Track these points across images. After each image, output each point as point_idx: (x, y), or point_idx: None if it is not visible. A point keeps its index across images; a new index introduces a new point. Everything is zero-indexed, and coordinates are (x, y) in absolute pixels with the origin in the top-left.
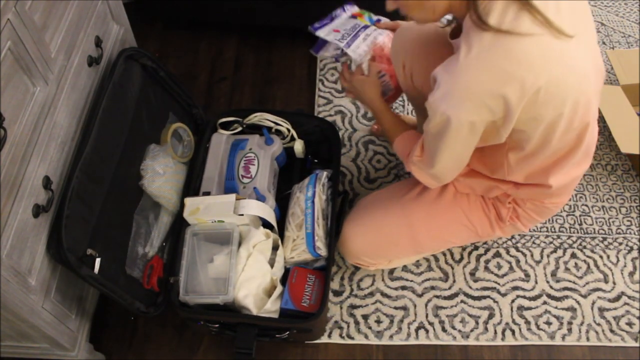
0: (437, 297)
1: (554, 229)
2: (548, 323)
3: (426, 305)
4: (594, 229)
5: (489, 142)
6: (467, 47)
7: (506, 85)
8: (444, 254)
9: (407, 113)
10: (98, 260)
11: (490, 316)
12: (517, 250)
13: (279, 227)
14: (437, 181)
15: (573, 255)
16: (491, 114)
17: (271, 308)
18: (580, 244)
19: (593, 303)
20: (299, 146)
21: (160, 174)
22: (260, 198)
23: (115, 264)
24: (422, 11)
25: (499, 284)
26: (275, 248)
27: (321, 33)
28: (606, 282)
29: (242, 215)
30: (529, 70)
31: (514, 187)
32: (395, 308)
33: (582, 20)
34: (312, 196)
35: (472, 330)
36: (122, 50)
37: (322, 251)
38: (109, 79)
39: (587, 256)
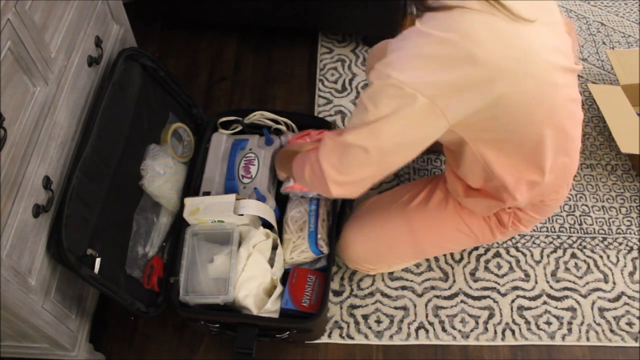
0: (437, 297)
1: (554, 229)
2: (548, 323)
3: (426, 305)
4: (594, 229)
5: (432, 136)
6: (420, 22)
7: (458, 63)
8: (444, 254)
9: None
10: (98, 260)
11: (490, 316)
12: (517, 250)
13: (278, 229)
14: (339, 166)
15: (573, 255)
16: (436, 90)
17: (271, 308)
18: (580, 244)
19: (593, 303)
20: None
21: (160, 174)
22: (261, 198)
23: (115, 264)
24: None
25: (499, 284)
26: (274, 248)
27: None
28: (606, 282)
29: (242, 215)
30: (482, 49)
31: (516, 193)
32: (395, 308)
33: (544, 11)
34: (317, 195)
35: (472, 330)
36: (122, 50)
37: (324, 249)
38: (109, 79)
39: (587, 256)
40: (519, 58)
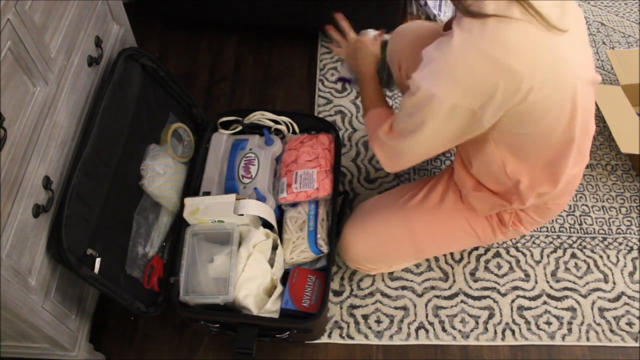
0: (437, 297)
1: (554, 229)
2: (548, 323)
3: (426, 305)
4: (594, 229)
5: (467, 135)
6: (460, 30)
7: (495, 75)
8: (444, 254)
9: None
10: (98, 260)
11: (490, 316)
12: (517, 250)
13: (278, 229)
14: (394, 162)
15: (573, 255)
16: (475, 100)
17: (271, 308)
18: (580, 244)
19: (593, 303)
20: None
21: (161, 174)
22: (261, 198)
23: (116, 264)
24: None
25: (499, 284)
26: (274, 248)
27: None
28: (606, 282)
29: (242, 215)
30: (518, 60)
31: (520, 201)
32: (395, 308)
33: (574, 21)
34: (315, 197)
35: (472, 330)
36: (122, 50)
37: (324, 248)
38: (109, 79)
39: (587, 256)
40: (551, 69)
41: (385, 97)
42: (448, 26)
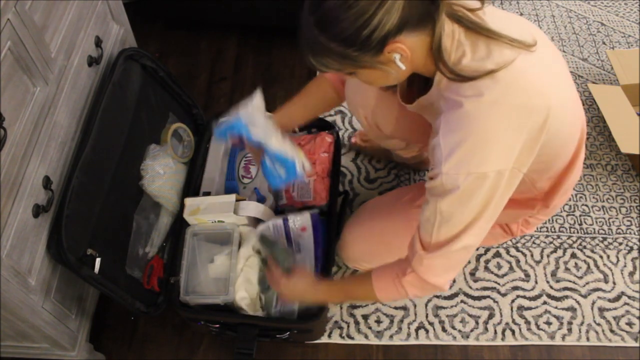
0: (437, 297)
1: (554, 229)
2: (548, 323)
3: (426, 305)
4: (594, 229)
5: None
6: (465, 98)
7: (525, 118)
8: None
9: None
10: (98, 260)
11: (490, 316)
12: (517, 250)
13: None
14: (449, 273)
15: (573, 255)
16: (516, 151)
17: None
18: (580, 244)
19: (593, 303)
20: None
21: (161, 174)
22: (261, 199)
23: (116, 264)
24: (386, 81)
25: (499, 284)
26: None
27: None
28: (606, 282)
29: (242, 215)
30: (537, 94)
31: (543, 204)
32: (395, 308)
33: (530, 30)
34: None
35: (472, 330)
36: (122, 50)
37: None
38: (109, 79)
39: (587, 256)
40: (552, 84)
41: (360, 276)
42: (407, 96)
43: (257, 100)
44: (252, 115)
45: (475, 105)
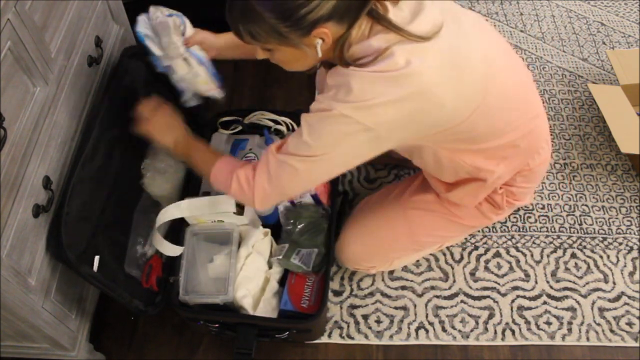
0: (437, 297)
1: (554, 229)
2: (548, 323)
3: (426, 305)
4: (594, 229)
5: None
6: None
7: (404, 102)
8: (444, 254)
9: None
10: (97, 259)
11: (490, 316)
12: (517, 250)
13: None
14: (270, 184)
15: (573, 255)
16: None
17: (265, 307)
18: (580, 244)
19: (593, 303)
20: None
21: (161, 172)
22: None
23: (115, 262)
24: (299, 65)
25: (499, 284)
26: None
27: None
28: (606, 282)
29: (242, 215)
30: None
31: (496, 165)
32: (395, 308)
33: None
34: None
35: (472, 330)
36: (127, 48)
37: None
38: (113, 76)
39: (587, 256)
40: (452, 71)
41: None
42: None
43: (169, 20)
44: (156, 29)
45: (359, 73)
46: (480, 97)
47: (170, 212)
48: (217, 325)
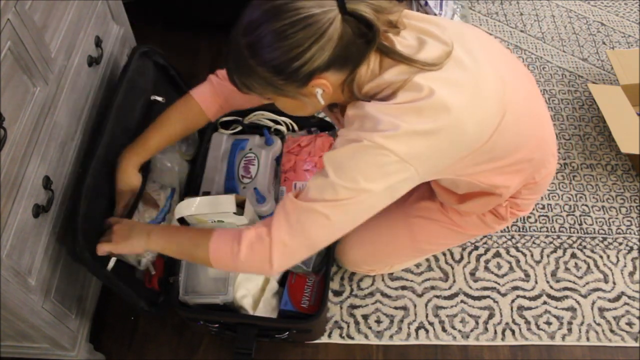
0: (437, 297)
1: (554, 229)
2: (548, 323)
3: (426, 305)
4: (594, 229)
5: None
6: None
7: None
8: (444, 254)
9: None
10: (113, 259)
11: (490, 316)
12: (517, 250)
13: None
14: (293, 239)
15: (573, 255)
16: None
17: (265, 307)
18: (580, 244)
19: (593, 303)
20: None
21: (169, 167)
22: (260, 199)
23: (122, 262)
24: (302, 111)
25: (499, 284)
26: None
27: None
28: (606, 282)
29: (242, 215)
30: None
31: (512, 180)
32: (395, 308)
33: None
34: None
35: (472, 330)
36: (137, 47)
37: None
38: (124, 74)
39: (587, 256)
40: (472, 95)
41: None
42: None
43: None
44: None
45: (384, 106)
46: (499, 118)
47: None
48: (217, 325)
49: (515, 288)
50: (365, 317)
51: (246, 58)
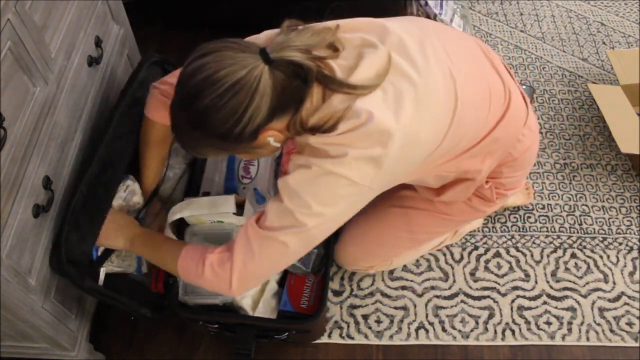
0: (437, 297)
1: (554, 229)
2: (548, 323)
3: (426, 305)
4: (594, 229)
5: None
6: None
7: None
8: (444, 254)
9: None
10: (102, 271)
11: (490, 316)
12: (517, 250)
13: None
14: (254, 266)
15: (573, 255)
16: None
17: (264, 308)
18: (580, 244)
19: (593, 303)
20: None
21: (176, 171)
22: (260, 199)
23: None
24: (263, 155)
25: (499, 284)
26: None
27: None
28: (606, 282)
29: (242, 216)
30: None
31: (482, 162)
32: (395, 308)
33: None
34: None
35: (472, 330)
36: (148, 56)
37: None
38: (132, 80)
39: (587, 256)
40: (418, 102)
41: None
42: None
43: None
44: None
45: (329, 139)
46: (451, 114)
47: (173, 213)
48: (216, 326)
49: (515, 288)
50: (365, 317)
51: (190, 131)
